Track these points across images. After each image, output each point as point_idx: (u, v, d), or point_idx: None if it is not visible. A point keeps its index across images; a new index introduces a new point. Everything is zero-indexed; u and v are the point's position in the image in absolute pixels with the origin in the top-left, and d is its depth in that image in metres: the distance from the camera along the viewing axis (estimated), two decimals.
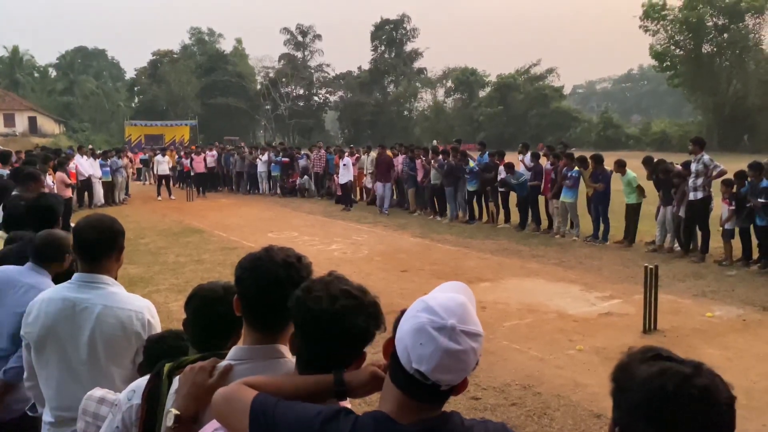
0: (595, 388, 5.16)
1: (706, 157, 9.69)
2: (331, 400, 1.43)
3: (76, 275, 2.38)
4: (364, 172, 17.93)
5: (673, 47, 43.99)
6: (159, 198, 20.91)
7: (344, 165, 16.85)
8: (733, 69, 43.30)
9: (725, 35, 42.34)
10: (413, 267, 9.76)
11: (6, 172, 7.65)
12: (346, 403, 1.55)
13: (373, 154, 17.08)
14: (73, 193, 16.21)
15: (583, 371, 5.57)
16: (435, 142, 17.54)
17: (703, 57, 43.15)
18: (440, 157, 14.54)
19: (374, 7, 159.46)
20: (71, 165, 16.15)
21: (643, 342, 6.32)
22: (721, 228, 9.55)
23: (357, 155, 18.34)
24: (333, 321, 1.41)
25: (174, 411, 1.54)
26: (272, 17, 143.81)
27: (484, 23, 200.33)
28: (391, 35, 65.89)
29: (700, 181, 9.59)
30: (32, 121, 58.77)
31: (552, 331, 6.69)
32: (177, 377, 1.64)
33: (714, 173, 9.59)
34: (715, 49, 43.39)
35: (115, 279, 2.48)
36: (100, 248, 2.36)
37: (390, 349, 1.27)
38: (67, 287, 2.37)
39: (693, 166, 9.72)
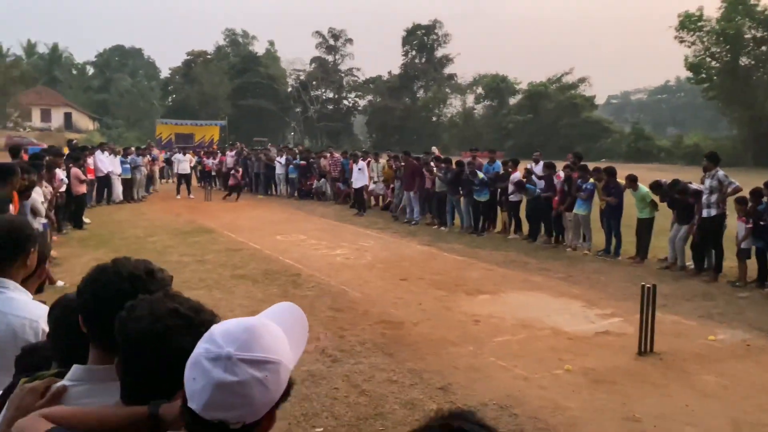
0: (575, 411, 4.92)
1: (720, 173, 9.32)
2: None
3: None
4: (375, 179, 17.79)
5: (709, 59, 42.88)
6: (178, 197, 21.09)
7: (359, 169, 16.73)
8: None
9: (764, 48, 41.13)
10: (413, 276, 9.57)
11: None
12: None
13: (383, 160, 16.87)
14: (90, 190, 16.42)
15: (567, 393, 5.32)
16: (434, 148, 17.14)
17: (740, 70, 41.96)
18: (444, 165, 14.18)
19: (406, 12, 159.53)
20: (89, 161, 16.34)
21: (635, 364, 6.06)
22: (737, 247, 9.17)
23: (369, 160, 18.16)
24: (154, 343, 1.28)
25: None
26: (305, 20, 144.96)
27: (517, 30, 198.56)
28: (422, 40, 65.71)
29: (714, 197, 9.22)
30: (68, 117, 60.32)
31: (543, 349, 6.43)
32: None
33: (729, 190, 9.21)
34: (752, 62, 42.16)
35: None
36: (2, 251, 2.26)
37: None
38: None
39: (707, 183, 9.36)
